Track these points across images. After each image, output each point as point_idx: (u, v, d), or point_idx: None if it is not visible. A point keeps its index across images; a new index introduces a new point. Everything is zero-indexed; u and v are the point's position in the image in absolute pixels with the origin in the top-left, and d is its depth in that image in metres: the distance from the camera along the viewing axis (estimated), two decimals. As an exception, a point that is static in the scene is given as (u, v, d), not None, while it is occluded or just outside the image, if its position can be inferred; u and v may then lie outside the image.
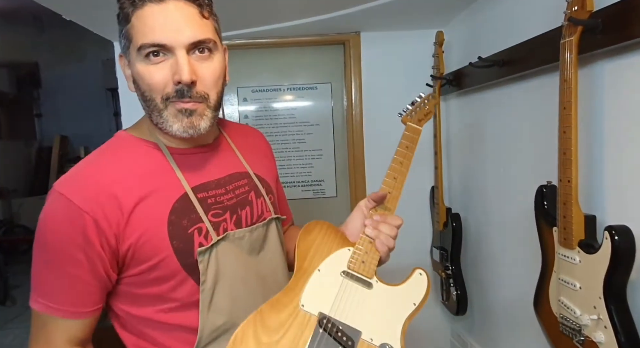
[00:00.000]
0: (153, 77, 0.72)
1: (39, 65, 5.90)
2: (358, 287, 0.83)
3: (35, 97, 6.05)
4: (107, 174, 0.75)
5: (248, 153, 0.94)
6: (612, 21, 0.88)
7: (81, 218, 0.70)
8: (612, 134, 0.97)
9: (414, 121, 0.97)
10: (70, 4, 1.44)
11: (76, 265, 0.72)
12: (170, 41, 0.70)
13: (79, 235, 0.71)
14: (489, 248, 1.66)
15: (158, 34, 0.70)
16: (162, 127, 0.76)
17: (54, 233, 0.71)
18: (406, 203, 2.03)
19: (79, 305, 0.74)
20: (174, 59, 0.71)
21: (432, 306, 2.12)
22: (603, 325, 0.88)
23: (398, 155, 0.93)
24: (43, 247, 0.72)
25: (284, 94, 2.15)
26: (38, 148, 6.06)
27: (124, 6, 0.74)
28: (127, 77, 0.79)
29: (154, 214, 0.75)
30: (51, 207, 0.72)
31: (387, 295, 0.83)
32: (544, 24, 1.12)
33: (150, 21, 0.70)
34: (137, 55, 0.72)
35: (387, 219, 0.88)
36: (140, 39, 0.71)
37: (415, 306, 0.83)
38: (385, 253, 0.87)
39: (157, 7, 0.70)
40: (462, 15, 1.81)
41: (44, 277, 0.73)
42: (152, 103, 0.74)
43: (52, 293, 0.73)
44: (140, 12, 0.71)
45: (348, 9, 1.66)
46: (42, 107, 6.10)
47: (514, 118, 1.42)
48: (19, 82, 5.88)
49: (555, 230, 1.00)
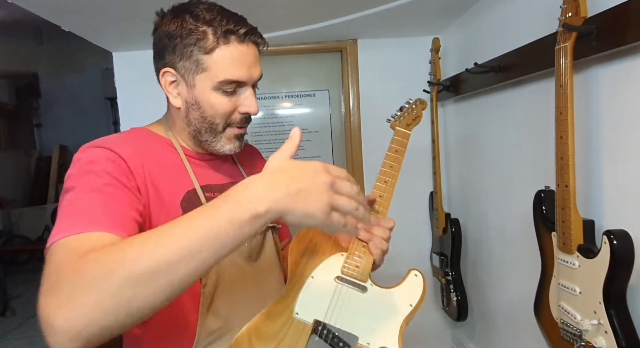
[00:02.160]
0: (225, 107, 0.80)
1: (38, 76, 5.93)
2: (353, 291, 0.82)
3: (34, 108, 6.07)
4: (132, 149, 0.77)
5: (247, 166, 1.00)
6: (606, 27, 0.89)
7: (121, 159, 0.73)
8: (609, 138, 0.98)
9: (402, 126, 0.98)
10: (69, 16, 1.45)
11: (120, 187, 0.70)
12: (247, 79, 0.80)
13: (121, 170, 0.72)
14: (489, 254, 1.66)
15: (241, 72, 0.79)
16: (210, 144, 0.84)
17: (97, 166, 0.70)
18: (405, 209, 2.05)
19: (124, 217, 0.67)
20: (243, 92, 0.81)
21: (433, 312, 2.11)
22: (604, 330, 0.87)
23: (388, 159, 0.94)
24: (82, 178, 0.68)
25: (282, 101, 2.16)
26: (37, 158, 6.07)
27: (207, 36, 0.77)
28: (174, 94, 0.83)
29: (169, 198, 0.78)
30: (88, 153, 0.72)
31: (383, 297, 0.82)
32: (539, 30, 1.13)
33: (233, 59, 0.78)
34: (212, 84, 0.78)
35: (380, 222, 0.87)
36: (224, 74, 0.78)
37: (412, 307, 0.82)
38: (379, 256, 0.86)
39: (240, 46, 0.78)
40: (458, 21, 1.82)
41: (82, 203, 0.65)
42: (212, 126, 0.82)
43: (92, 213, 0.63)
44: (225, 48, 0.77)
45: (345, 17, 1.68)
46: (42, 117, 6.12)
47: (511, 123, 1.42)
48: (19, 93, 5.90)
49: (554, 235, 1.00)
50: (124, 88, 2.00)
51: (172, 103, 0.83)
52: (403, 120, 0.99)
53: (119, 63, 1.99)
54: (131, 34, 1.71)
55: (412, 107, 1.01)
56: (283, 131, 2.15)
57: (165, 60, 0.80)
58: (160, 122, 0.90)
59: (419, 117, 1.00)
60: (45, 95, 6.00)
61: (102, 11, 1.41)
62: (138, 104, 1.99)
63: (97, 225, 0.61)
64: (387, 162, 0.93)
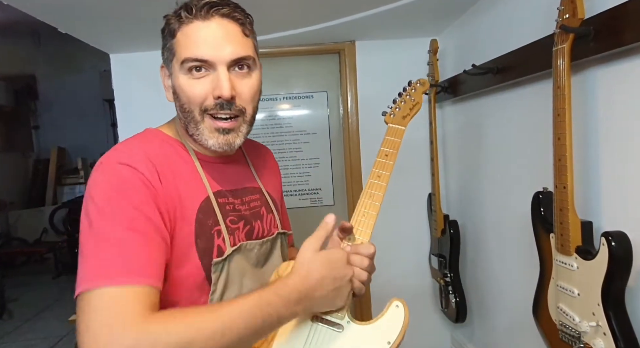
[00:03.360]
0: (194, 90, 0.75)
1: (36, 78, 5.92)
2: (328, 330, 0.76)
3: (32, 109, 6.06)
4: (155, 158, 0.74)
5: (261, 170, 0.97)
6: (604, 28, 0.89)
7: (143, 182, 0.70)
8: (607, 139, 0.98)
9: (396, 120, 0.88)
10: (65, 18, 1.44)
11: (151, 226, 0.68)
12: (213, 57, 0.73)
13: (146, 196, 0.69)
14: (487, 255, 1.66)
15: (201, 50, 0.73)
16: (198, 139, 0.79)
17: (123, 198, 0.67)
18: (403, 210, 2.05)
19: (160, 268, 0.67)
20: (215, 74, 0.74)
21: (432, 314, 2.11)
22: (602, 332, 0.87)
23: (376, 166, 0.84)
24: (108, 215, 0.66)
25: (281, 103, 2.16)
26: (35, 160, 6.06)
27: (171, 21, 0.77)
28: (167, 87, 0.82)
29: (189, 206, 0.76)
30: (113, 174, 0.69)
31: (359, 336, 0.76)
32: (536, 31, 1.13)
33: (194, 37, 0.73)
34: (180, 68, 0.75)
35: (358, 249, 0.79)
36: (184, 53, 0.74)
37: (390, 345, 0.75)
38: (358, 288, 0.78)
39: (202, 24, 0.73)
40: (456, 23, 1.82)
41: (112, 248, 0.64)
42: (190, 115, 0.77)
43: (124, 262, 0.63)
44: (186, 28, 0.74)
45: (343, 18, 1.68)
46: (40, 119, 6.11)
47: (509, 124, 1.43)
48: (17, 95, 5.89)
49: (552, 236, 1.00)
50: (121, 90, 2.00)
51: (167, 98, 0.82)
52: (398, 112, 0.89)
53: (117, 65, 1.99)
54: (129, 36, 1.71)
55: (409, 94, 0.91)
56: (281, 133, 2.15)
57: (162, 58, 0.81)
58: (172, 122, 0.87)
59: (418, 103, 0.88)
60: (43, 97, 5.99)
61: (99, 13, 1.41)
62: (136, 106, 1.99)
63: (139, 276, 0.63)
64: (375, 170, 0.84)
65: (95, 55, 2.07)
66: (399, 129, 0.87)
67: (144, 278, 0.63)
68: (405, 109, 0.89)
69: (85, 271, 0.63)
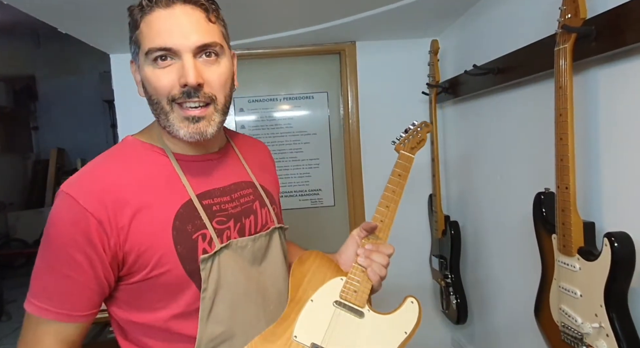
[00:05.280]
0: (160, 80, 0.73)
1: (35, 78, 5.91)
2: (350, 316, 0.84)
3: (32, 110, 6.05)
4: (113, 177, 0.75)
5: (254, 164, 0.95)
6: (606, 28, 0.89)
7: (85, 219, 0.70)
8: (609, 139, 0.97)
9: (406, 149, 0.99)
10: (65, 18, 1.44)
11: (75, 267, 0.71)
12: (177, 45, 0.71)
13: (81, 236, 0.70)
14: (489, 256, 1.65)
15: (165, 38, 0.71)
16: (170, 130, 0.76)
17: (56, 234, 0.72)
18: (404, 211, 2.03)
19: (73, 309, 0.73)
20: (180, 62, 0.72)
21: (432, 315, 2.10)
22: (605, 333, 0.87)
23: (391, 183, 0.95)
24: (46, 248, 0.73)
25: (281, 103, 2.15)
26: (35, 161, 6.04)
27: (133, 13, 0.75)
28: (138, 82, 0.80)
29: (158, 219, 0.75)
30: (57, 207, 0.73)
31: (379, 324, 0.84)
32: (538, 31, 1.13)
33: (157, 26, 0.72)
34: (145, 59, 0.74)
35: (380, 248, 0.88)
36: (148, 43, 0.72)
37: (407, 334, 0.84)
38: (378, 282, 0.87)
39: (164, 12, 0.72)
40: (456, 23, 1.82)
41: (41, 278, 0.73)
42: (158, 106, 0.75)
43: (47, 294, 0.72)
44: (148, 18, 0.73)
45: (344, 19, 1.67)
46: (39, 120, 6.09)
47: (510, 125, 1.42)
48: (16, 95, 5.88)
49: (554, 237, 1.00)
50: (121, 90, 1.99)
51: (139, 94, 0.80)
52: (407, 144, 1.00)
53: (117, 65, 1.98)
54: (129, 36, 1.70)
55: (416, 130, 1.02)
56: (282, 133, 2.15)
57: (131, 53, 0.80)
58: (150, 126, 0.85)
59: (423, 140, 1.01)
60: (42, 98, 5.98)
61: (99, 13, 1.41)
62: (136, 107, 1.97)
63: (55, 313, 0.72)
64: (390, 186, 0.94)
65: (95, 57, 2.07)
66: (409, 157, 0.99)
67: (59, 315, 0.72)
68: (413, 142, 1.01)
69: (30, 288, 0.74)
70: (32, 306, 0.73)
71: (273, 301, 0.85)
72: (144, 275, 0.74)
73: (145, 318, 0.77)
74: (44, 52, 5.50)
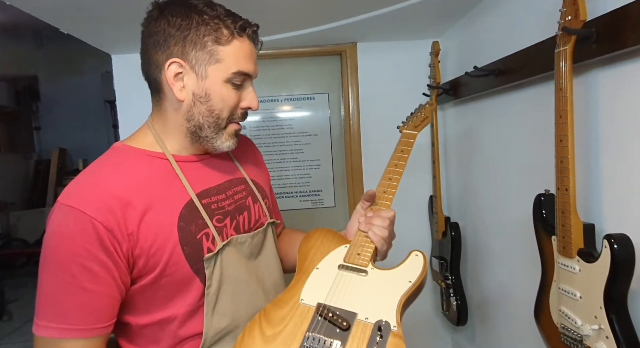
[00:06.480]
0: (233, 100, 0.81)
1: (38, 79, 5.93)
2: (353, 275, 0.86)
3: (34, 110, 6.06)
4: (114, 182, 0.75)
5: (243, 160, 0.98)
6: (606, 30, 0.89)
7: (95, 228, 0.69)
8: (609, 141, 0.97)
9: (409, 128, 1.04)
10: (67, 18, 1.45)
11: (92, 278, 0.70)
12: (254, 73, 0.83)
13: (93, 245, 0.69)
14: (489, 258, 1.65)
15: (250, 66, 0.81)
16: (210, 141, 0.82)
17: (65, 248, 0.69)
18: (405, 212, 2.04)
19: (97, 321, 0.71)
20: (247, 88, 0.83)
21: (433, 317, 2.10)
22: (604, 335, 0.87)
23: (394, 158, 0.99)
24: (53, 265, 0.70)
25: (282, 104, 2.16)
26: (36, 161, 6.05)
27: (222, 28, 0.78)
28: (179, 86, 0.79)
29: (164, 222, 0.76)
30: (60, 221, 0.70)
31: (383, 277, 0.86)
32: (538, 33, 1.13)
33: (245, 53, 0.80)
34: (225, 76, 0.79)
35: (380, 213, 0.91)
36: (236, 65, 0.79)
37: (411, 283, 0.83)
38: (380, 242, 0.89)
39: (248, 42, 0.81)
40: (457, 25, 1.82)
41: (54, 297, 0.70)
42: (217, 121, 0.81)
43: (67, 313, 0.69)
44: (238, 42, 0.79)
45: (345, 20, 1.68)
46: (41, 120, 6.11)
47: (510, 127, 1.42)
48: (18, 96, 5.90)
49: (554, 239, 1.00)
50: (123, 91, 2.00)
51: (176, 96, 0.78)
52: (411, 123, 1.05)
53: (118, 65, 1.99)
54: (130, 36, 1.71)
55: (420, 111, 1.07)
56: (282, 134, 2.15)
57: (172, 51, 0.77)
58: (146, 127, 0.85)
59: (428, 118, 1.05)
60: (44, 98, 5.99)
61: (101, 13, 1.41)
62: (137, 107, 1.98)
63: (70, 330, 0.69)
64: (393, 161, 0.99)
65: (97, 57, 2.08)
66: (412, 133, 1.02)
67: (82, 331, 0.69)
68: (417, 121, 1.05)
69: (36, 309, 0.70)
70: (45, 329, 0.69)
71: (270, 291, 0.90)
72: (153, 277, 0.75)
73: (152, 319, 0.78)
74: (46, 53, 5.52)
